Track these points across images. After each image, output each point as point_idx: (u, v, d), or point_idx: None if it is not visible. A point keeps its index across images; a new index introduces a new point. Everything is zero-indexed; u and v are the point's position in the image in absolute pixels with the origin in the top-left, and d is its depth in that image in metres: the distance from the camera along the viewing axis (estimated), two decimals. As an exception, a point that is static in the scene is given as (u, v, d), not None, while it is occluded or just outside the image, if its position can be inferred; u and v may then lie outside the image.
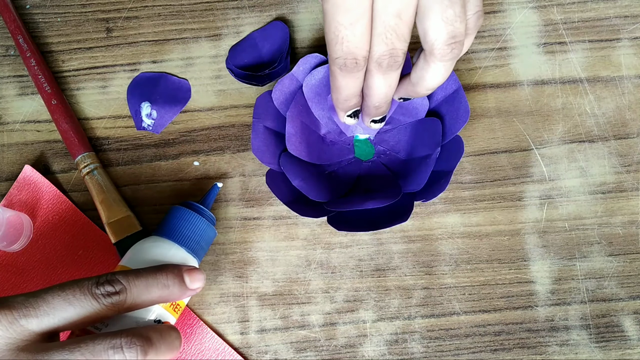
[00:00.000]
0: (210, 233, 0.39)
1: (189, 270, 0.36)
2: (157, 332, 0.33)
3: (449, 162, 0.40)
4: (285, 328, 0.41)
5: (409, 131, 0.42)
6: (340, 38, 0.32)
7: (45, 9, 0.46)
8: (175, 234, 0.37)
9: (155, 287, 0.34)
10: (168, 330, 0.34)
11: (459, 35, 0.31)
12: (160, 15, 0.46)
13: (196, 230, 0.38)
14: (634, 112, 0.44)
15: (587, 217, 0.42)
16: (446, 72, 0.33)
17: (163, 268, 0.35)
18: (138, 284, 0.33)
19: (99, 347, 0.30)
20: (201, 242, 0.38)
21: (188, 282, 0.35)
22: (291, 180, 0.40)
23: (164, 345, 0.32)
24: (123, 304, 0.32)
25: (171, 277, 0.35)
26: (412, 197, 0.40)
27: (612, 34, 0.45)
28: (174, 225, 0.38)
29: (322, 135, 0.43)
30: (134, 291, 0.33)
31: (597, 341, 0.41)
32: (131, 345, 0.31)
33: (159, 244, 0.37)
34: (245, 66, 0.44)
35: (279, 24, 0.45)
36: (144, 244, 0.37)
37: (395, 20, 0.31)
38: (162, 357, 0.32)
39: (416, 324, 0.41)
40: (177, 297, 0.35)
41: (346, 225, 0.40)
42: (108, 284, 0.32)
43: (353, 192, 0.42)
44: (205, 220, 0.38)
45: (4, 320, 0.30)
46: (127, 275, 0.33)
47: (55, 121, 0.43)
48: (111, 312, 0.32)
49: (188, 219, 0.38)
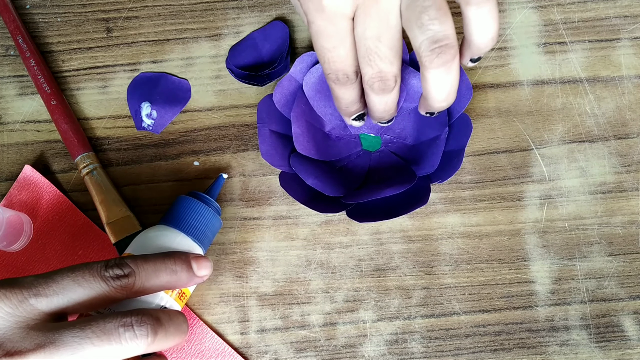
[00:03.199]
0: (216, 223, 0.39)
1: (196, 258, 0.36)
2: (166, 315, 0.33)
3: (458, 140, 0.40)
4: (285, 328, 0.41)
5: (413, 116, 0.42)
6: (327, 59, 0.34)
7: (45, 9, 0.46)
8: (181, 223, 0.37)
9: (163, 272, 0.34)
10: (176, 314, 0.34)
11: (442, 38, 0.31)
12: (160, 15, 0.46)
13: (202, 220, 0.38)
14: (634, 112, 0.44)
15: (587, 217, 0.42)
16: (448, 80, 0.32)
17: (171, 254, 0.35)
18: (146, 267, 0.33)
19: (110, 325, 0.31)
20: (207, 231, 0.38)
21: (195, 269, 0.35)
22: (304, 179, 0.40)
23: (172, 327, 0.33)
24: (131, 287, 0.33)
25: (179, 263, 0.35)
26: (428, 179, 0.40)
27: (612, 34, 0.45)
28: (181, 214, 0.38)
29: (327, 132, 0.43)
30: (143, 275, 0.33)
31: (597, 341, 0.41)
32: (142, 324, 0.31)
33: (166, 233, 0.37)
34: (245, 66, 0.44)
35: (279, 24, 0.45)
36: (150, 233, 0.37)
37: (375, 44, 0.32)
38: (170, 338, 0.33)
39: (416, 324, 0.41)
40: (185, 284, 0.35)
41: (366, 216, 0.40)
42: (117, 267, 0.33)
43: (366, 183, 0.42)
44: (212, 210, 0.39)
45: (14, 298, 0.31)
46: (135, 259, 0.34)
47: (55, 121, 0.43)
48: (120, 295, 0.33)
49: (194, 208, 0.38)
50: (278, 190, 0.43)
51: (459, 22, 0.32)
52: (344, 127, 0.43)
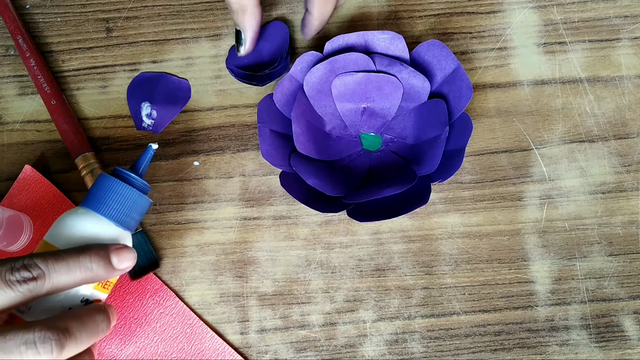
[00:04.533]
0: (143, 203, 0.35)
1: (117, 250, 0.33)
2: (77, 320, 0.31)
3: (459, 140, 0.40)
4: (285, 328, 0.41)
5: (414, 116, 0.42)
6: None
7: (45, 9, 0.46)
8: (103, 207, 0.34)
9: (77, 270, 0.31)
10: (90, 315, 0.32)
11: None
12: (160, 15, 0.46)
13: (127, 203, 0.34)
14: (634, 112, 0.44)
15: (587, 217, 0.42)
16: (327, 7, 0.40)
17: (87, 250, 0.32)
18: (58, 268, 0.31)
19: (11, 343, 0.28)
20: (132, 213, 0.35)
21: (115, 263, 0.33)
22: (305, 179, 0.40)
23: (85, 332, 0.31)
24: (40, 290, 0.30)
25: (95, 260, 0.32)
26: (428, 179, 0.40)
27: (612, 34, 0.45)
28: (102, 196, 0.34)
29: (327, 132, 0.43)
30: (53, 276, 0.31)
31: (597, 341, 0.41)
32: (45, 341, 0.29)
33: (86, 218, 0.34)
34: (245, 66, 0.44)
35: (279, 24, 0.45)
36: (69, 217, 0.34)
37: None
38: (84, 343, 0.31)
39: (416, 324, 0.41)
40: (103, 278, 0.33)
41: (367, 216, 0.40)
42: (25, 269, 0.30)
43: (367, 183, 0.42)
44: (137, 190, 0.35)
45: None
46: (46, 259, 0.31)
47: (55, 121, 0.43)
48: (27, 299, 0.30)
49: (117, 190, 0.34)
50: (278, 190, 0.43)
51: (459, 22, 0.32)
52: (345, 127, 0.43)
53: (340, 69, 0.42)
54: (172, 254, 0.42)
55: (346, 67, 0.41)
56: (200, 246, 0.42)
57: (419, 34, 0.45)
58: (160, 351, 0.41)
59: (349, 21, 0.46)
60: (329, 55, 0.42)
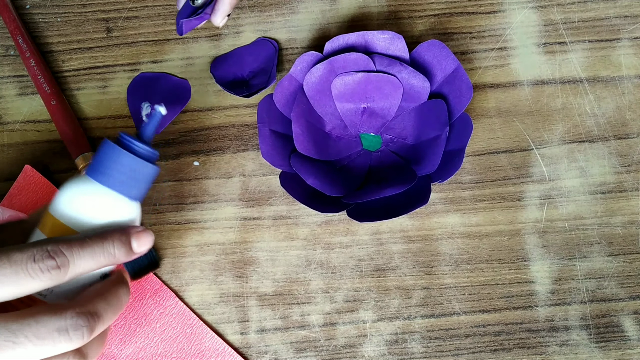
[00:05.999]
0: (151, 172, 0.33)
1: (137, 234, 0.33)
2: (104, 301, 0.31)
3: (459, 140, 0.40)
4: (285, 328, 0.41)
5: (414, 116, 0.42)
6: None
7: (45, 9, 0.46)
8: (111, 180, 0.32)
9: (101, 256, 0.31)
10: (115, 292, 0.32)
11: None
12: (160, 15, 0.46)
13: (137, 176, 0.33)
14: (634, 112, 0.44)
15: (587, 217, 0.42)
16: None
17: (110, 235, 0.32)
18: (83, 255, 0.31)
19: (44, 330, 0.29)
20: (141, 185, 0.33)
21: (135, 247, 0.33)
22: (305, 179, 0.40)
23: (110, 311, 0.31)
24: (63, 278, 0.30)
25: (118, 245, 0.32)
26: (428, 179, 0.40)
27: (612, 34, 0.45)
28: (108, 167, 0.32)
29: (327, 132, 0.43)
30: (78, 263, 0.30)
31: (597, 341, 0.41)
32: (77, 328, 0.29)
33: (95, 191, 0.32)
34: (226, 80, 0.44)
35: (265, 41, 0.45)
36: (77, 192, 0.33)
37: None
38: (109, 323, 0.31)
39: (416, 324, 0.41)
40: (122, 262, 0.33)
41: (367, 216, 0.40)
42: (49, 257, 0.29)
43: (367, 183, 0.42)
44: (148, 162, 0.33)
45: None
46: (71, 246, 0.30)
47: (54, 121, 0.43)
48: (48, 286, 0.30)
49: (127, 163, 0.32)
50: (278, 190, 0.43)
51: (459, 22, 0.32)
52: (345, 127, 0.43)
53: (340, 69, 0.42)
54: (172, 254, 0.42)
55: (346, 67, 0.41)
56: (200, 246, 0.42)
57: (419, 34, 0.45)
58: (160, 351, 0.41)
59: (349, 21, 0.46)
60: (329, 55, 0.42)
